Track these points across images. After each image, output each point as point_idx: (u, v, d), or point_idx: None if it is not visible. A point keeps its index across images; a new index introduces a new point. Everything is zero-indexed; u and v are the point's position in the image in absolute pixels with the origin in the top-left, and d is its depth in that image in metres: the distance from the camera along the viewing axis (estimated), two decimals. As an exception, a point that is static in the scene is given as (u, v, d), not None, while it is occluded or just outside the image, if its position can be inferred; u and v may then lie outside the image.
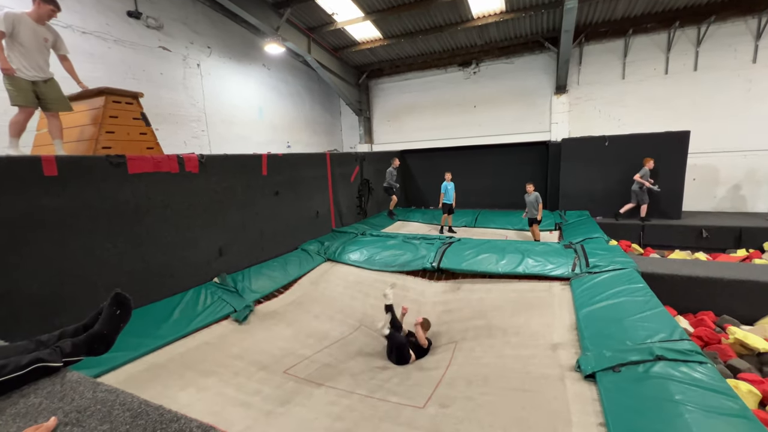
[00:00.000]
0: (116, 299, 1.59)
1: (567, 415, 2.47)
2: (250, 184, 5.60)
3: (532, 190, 7.48)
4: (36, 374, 1.29)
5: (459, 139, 11.67)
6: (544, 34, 9.96)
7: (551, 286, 4.75)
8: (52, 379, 1.29)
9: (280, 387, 3.07)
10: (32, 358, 1.28)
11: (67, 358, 1.39)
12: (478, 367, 3.35)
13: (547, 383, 2.87)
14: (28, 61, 3.75)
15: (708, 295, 4.59)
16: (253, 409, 2.72)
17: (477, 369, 3.32)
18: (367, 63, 12.17)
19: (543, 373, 3.03)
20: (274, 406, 2.76)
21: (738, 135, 8.77)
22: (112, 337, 1.57)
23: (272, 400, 2.84)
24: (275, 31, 8.52)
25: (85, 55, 5.95)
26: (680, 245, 7.71)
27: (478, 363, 3.44)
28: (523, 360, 3.30)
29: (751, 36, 8.37)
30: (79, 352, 1.44)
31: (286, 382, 3.17)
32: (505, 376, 3.10)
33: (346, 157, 8.85)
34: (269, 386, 3.07)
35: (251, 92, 9.49)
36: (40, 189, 3.19)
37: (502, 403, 2.70)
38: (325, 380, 3.25)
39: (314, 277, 5.73)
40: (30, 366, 1.26)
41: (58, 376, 1.31)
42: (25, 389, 1.23)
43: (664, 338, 2.90)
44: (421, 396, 2.98)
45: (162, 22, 7.12)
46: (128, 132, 4.47)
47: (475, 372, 3.27)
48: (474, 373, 3.24)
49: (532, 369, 3.12)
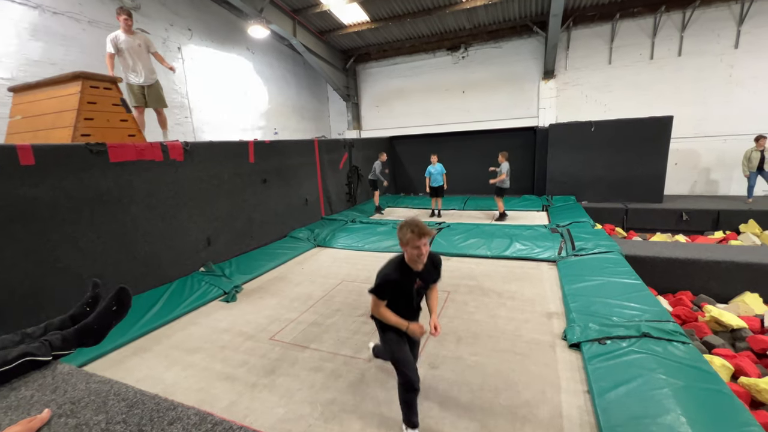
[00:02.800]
0: (118, 296, 1.56)
1: (556, 381, 2.58)
2: (237, 172, 5.51)
3: (504, 160, 7.61)
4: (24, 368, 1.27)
5: (448, 124, 11.62)
6: (532, 18, 9.89)
7: (539, 265, 4.91)
8: (42, 372, 1.28)
9: (266, 355, 3.08)
10: (20, 352, 1.26)
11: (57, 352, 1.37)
12: (469, 323, 3.46)
13: (538, 348, 2.99)
14: (134, 70, 4.77)
15: (686, 276, 4.78)
16: (239, 382, 2.74)
17: (468, 325, 3.43)
18: (354, 47, 11.91)
19: (534, 338, 3.14)
20: (259, 377, 2.78)
21: (719, 120, 8.97)
22: (103, 332, 1.54)
23: (257, 371, 2.86)
24: (259, 13, 8.23)
25: (57, 36, 5.66)
26: (661, 228, 7.95)
27: (470, 319, 3.55)
28: (516, 323, 3.42)
29: (734, 21, 8.48)
30: (69, 345, 1.42)
31: (273, 348, 3.20)
32: (495, 337, 3.20)
33: (335, 143, 8.74)
34: (255, 356, 3.09)
35: (235, 77, 9.21)
36: (17, 179, 3.08)
37: (492, 365, 2.79)
38: (310, 342, 3.28)
39: (301, 259, 5.75)
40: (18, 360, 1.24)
41: (49, 369, 1.30)
42: (15, 382, 1.21)
43: (651, 318, 3.03)
44: None
45: (139, 3, 6.80)
46: (108, 119, 4.30)
47: (465, 328, 3.37)
48: (465, 329, 3.35)
49: (524, 333, 3.23)
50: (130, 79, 4.80)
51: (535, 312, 3.62)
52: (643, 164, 8.48)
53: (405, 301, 2.13)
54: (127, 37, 4.68)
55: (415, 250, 1.96)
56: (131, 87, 4.83)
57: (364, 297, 4.18)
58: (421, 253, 1.96)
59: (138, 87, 4.84)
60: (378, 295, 2.08)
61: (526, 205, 8.98)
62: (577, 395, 2.42)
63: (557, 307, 3.69)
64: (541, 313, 3.58)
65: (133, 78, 4.80)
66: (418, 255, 1.97)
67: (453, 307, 3.80)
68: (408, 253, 2.02)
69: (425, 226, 1.96)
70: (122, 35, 4.65)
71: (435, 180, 8.29)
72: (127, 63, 4.72)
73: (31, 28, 5.36)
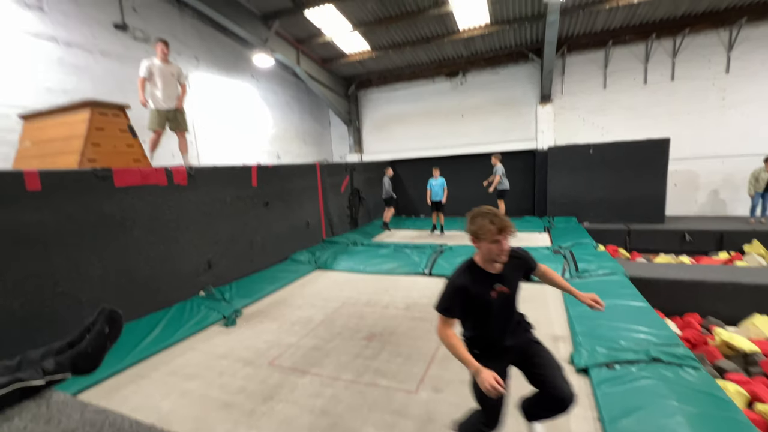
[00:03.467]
0: (107, 316, 1.54)
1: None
2: (240, 196, 5.55)
3: (498, 161, 7.66)
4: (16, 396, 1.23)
5: (447, 148, 11.80)
6: (528, 46, 10.24)
7: (543, 286, 4.82)
8: (36, 401, 1.24)
9: (265, 381, 3.00)
10: (9, 379, 1.23)
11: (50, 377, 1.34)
12: None
13: (547, 372, 2.90)
14: (163, 95, 4.99)
15: (693, 298, 4.70)
16: (236, 409, 2.65)
17: None
18: (355, 74, 12.29)
19: None
20: (257, 404, 2.69)
21: (715, 141, 9.10)
22: (98, 356, 1.51)
23: (256, 397, 2.77)
24: (264, 43, 8.56)
25: (70, 67, 5.87)
26: (665, 249, 7.90)
27: None
28: None
29: (724, 48, 8.76)
30: (62, 370, 1.39)
31: (272, 374, 3.11)
32: None
33: (336, 167, 8.86)
34: (254, 381, 3.01)
35: (240, 103, 9.46)
36: (23, 204, 3.11)
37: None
38: (310, 366, 3.19)
39: (301, 282, 5.70)
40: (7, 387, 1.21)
41: (44, 398, 1.26)
42: (8, 411, 1.18)
43: (660, 343, 2.95)
44: (412, 377, 2.94)
45: (149, 34, 7.09)
46: (114, 144, 4.40)
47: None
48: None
49: None
50: (158, 103, 5.01)
51: (540, 334, 3.50)
52: (643, 185, 8.53)
53: (485, 319, 1.64)
54: (162, 65, 4.95)
55: (493, 245, 1.55)
56: (159, 112, 5.03)
57: (366, 320, 4.11)
58: (502, 249, 1.56)
59: (164, 111, 5.07)
60: (444, 312, 1.63)
61: (528, 227, 8.97)
62: (587, 422, 2.33)
63: (563, 330, 3.62)
64: (546, 336, 3.50)
65: (161, 103, 5.02)
66: (499, 252, 1.56)
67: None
68: (483, 251, 1.59)
69: (506, 218, 1.58)
70: (157, 62, 4.92)
71: (435, 194, 8.31)
72: (157, 88, 4.96)
73: (46, 59, 5.57)
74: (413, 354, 3.31)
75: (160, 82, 4.95)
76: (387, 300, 4.71)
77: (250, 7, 8.26)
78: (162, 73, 4.94)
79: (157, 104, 5.01)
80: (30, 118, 4.63)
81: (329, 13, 8.48)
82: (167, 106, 5.07)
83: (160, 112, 5.03)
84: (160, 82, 4.95)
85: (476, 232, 1.59)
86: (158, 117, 5.03)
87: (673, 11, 8.46)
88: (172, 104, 5.11)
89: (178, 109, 5.19)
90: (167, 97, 5.04)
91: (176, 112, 5.18)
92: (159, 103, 5.01)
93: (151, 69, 4.88)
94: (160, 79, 4.94)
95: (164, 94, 5.00)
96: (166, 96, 5.03)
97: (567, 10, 8.20)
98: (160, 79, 4.94)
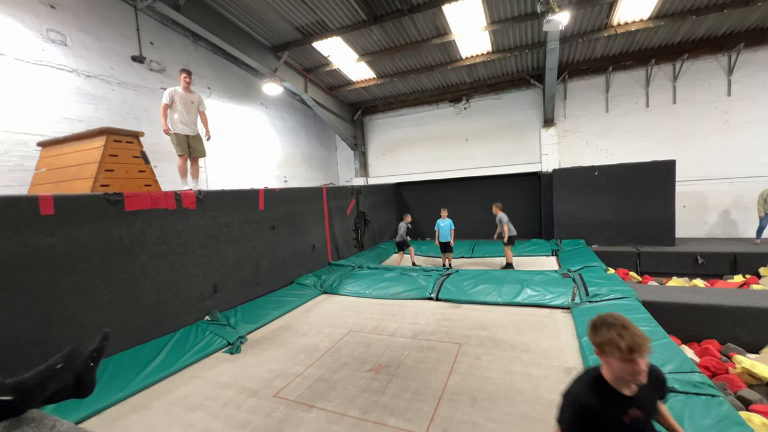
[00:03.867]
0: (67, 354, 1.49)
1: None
2: (247, 219, 5.60)
3: (499, 211, 7.64)
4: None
5: (452, 171, 11.91)
6: (529, 72, 10.49)
7: (553, 312, 4.72)
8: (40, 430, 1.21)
9: (270, 415, 2.91)
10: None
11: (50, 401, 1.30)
12: (483, 381, 3.26)
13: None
14: (184, 122, 5.23)
15: (710, 323, 4.54)
16: None
17: (482, 383, 3.22)
18: (361, 100, 12.63)
19: (555, 399, 2.89)
20: None
21: (722, 163, 9.06)
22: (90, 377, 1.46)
23: None
24: (273, 72, 8.89)
25: (88, 97, 6.12)
26: (677, 272, 7.72)
27: (484, 376, 3.35)
28: (533, 380, 3.21)
29: (724, 72, 8.89)
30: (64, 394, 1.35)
31: (277, 407, 3.02)
32: (512, 398, 2.99)
33: (342, 190, 8.94)
34: (259, 415, 2.91)
35: (249, 129, 9.72)
36: (35, 228, 3.17)
37: (510, 435, 2.56)
38: (316, 400, 3.10)
39: (307, 307, 5.63)
40: None
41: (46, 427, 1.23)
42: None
43: (674, 370, 2.83)
44: (421, 416, 2.82)
45: (164, 66, 7.41)
46: (127, 170, 4.52)
47: (480, 387, 3.18)
48: (479, 388, 3.15)
49: (543, 393, 3.01)
50: (180, 129, 5.23)
51: (552, 367, 3.41)
52: (651, 207, 8.46)
53: None
54: (184, 93, 5.23)
55: (626, 364, 1.31)
56: (179, 136, 5.24)
57: (372, 349, 4.02)
58: (638, 370, 1.31)
59: (184, 137, 5.28)
60: (565, 431, 1.43)
61: (535, 250, 8.87)
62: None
63: (576, 360, 3.49)
64: (558, 368, 3.37)
65: (182, 129, 5.25)
66: (634, 373, 1.31)
67: (465, 362, 3.60)
68: (613, 368, 1.36)
69: (637, 331, 1.34)
70: (180, 91, 5.20)
71: (443, 235, 8.15)
72: (177, 114, 5.19)
73: (66, 90, 5.82)
74: (422, 389, 3.20)
75: (181, 109, 5.20)
76: (394, 327, 4.62)
77: (262, 40, 8.64)
78: (183, 101, 5.20)
79: (176, 129, 5.25)
80: (47, 145, 4.80)
81: (336, 44, 8.83)
82: (186, 132, 5.30)
83: (179, 137, 5.25)
84: (180, 108, 5.19)
85: (602, 345, 1.37)
86: (179, 142, 5.26)
87: (671, 38, 8.67)
88: (190, 130, 5.34)
89: (196, 136, 5.43)
90: (186, 123, 5.28)
91: (194, 138, 5.40)
92: (178, 128, 5.25)
93: (173, 96, 5.14)
94: (181, 106, 5.19)
95: (184, 121, 5.24)
96: (186, 122, 5.27)
97: (566, 38, 8.45)
98: (181, 105, 5.19)
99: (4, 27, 5.17)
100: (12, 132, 5.17)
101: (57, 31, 5.75)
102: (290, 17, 7.85)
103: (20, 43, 5.32)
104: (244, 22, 7.94)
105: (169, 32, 7.60)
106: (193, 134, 5.38)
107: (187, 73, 5.26)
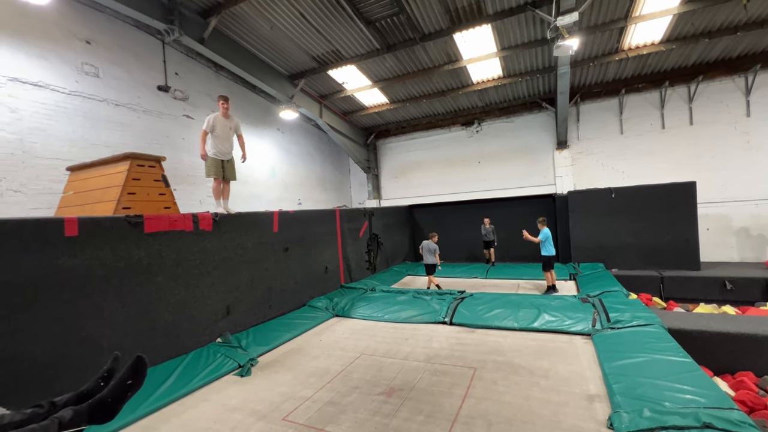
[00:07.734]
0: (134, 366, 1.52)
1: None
2: (261, 241, 5.67)
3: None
4: None
5: (465, 193, 11.89)
6: (541, 95, 10.59)
7: (572, 338, 4.53)
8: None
9: None
10: None
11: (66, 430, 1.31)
12: (500, 405, 3.12)
13: (581, 443, 2.61)
14: (221, 147, 5.33)
15: (744, 353, 4.27)
16: None
17: (499, 408, 3.08)
18: (374, 125, 12.91)
19: (576, 425, 2.76)
20: None
21: (745, 184, 8.79)
22: (117, 406, 1.48)
23: None
24: (290, 99, 9.23)
25: (116, 124, 6.46)
26: (704, 298, 7.36)
27: (501, 400, 3.21)
28: (553, 406, 3.05)
29: (741, 93, 8.77)
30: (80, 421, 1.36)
31: (285, 431, 2.94)
32: (530, 423, 2.85)
33: (355, 212, 9.01)
34: None
35: (265, 153, 10.01)
36: (60, 249, 3.28)
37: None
38: (325, 424, 3.00)
39: (318, 330, 5.56)
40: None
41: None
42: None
43: (709, 404, 2.65)
44: None
45: (188, 94, 7.80)
46: (148, 193, 4.67)
47: (496, 411, 3.03)
48: (495, 413, 3.01)
49: (563, 419, 2.86)
50: (217, 154, 5.31)
51: (573, 393, 3.25)
52: (673, 230, 8.19)
53: None
54: (223, 119, 5.32)
55: None
56: (215, 160, 5.30)
57: (384, 372, 3.92)
58: None
59: (219, 161, 5.35)
60: None
61: (552, 273, 8.61)
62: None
63: (598, 388, 3.32)
64: (580, 395, 3.21)
65: (219, 154, 5.32)
66: None
67: (481, 387, 3.48)
68: None
69: None
70: (219, 117, 5.30)
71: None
72: (217, 140, 5.28)
73: (95, 118, 6.17)
74: (435, 412, 3.09)
75: (220, 134, 5.29)
76: (406, 351, 4.51)
77: (279, 69, 9.04)
78: (221, 126, 5.30)
79: (217, 155, 5.33)
80: (76, 169, 5.04)
81: (350, 71, 9.16)
82: (222, 157, 5.38)
83: (215, 161, 5.31)
84: (219, 134, 5.29)
85: None
86: (215, 166, 5.31)
87: (684, 60, 8.67)
88: (226, 156, 5.44)
89: (230, 161, 5.52)
90: (223, 148, 5.36)
91: (228, 163, 5.48)
92: (218, 154, 5.33)
93: (213, 122, 5.23)
94: (219, 131, 5.29)
95: (221, 146, 5.32)
96: (223, 147, 5.35)
97: (577, 62, 8.55)
98: (220, 131, 5.29)
99: (45, 61, 5.57)
100: (43, 158, 5.46)
101: (91, 64, 6.16)
102: (307, 48, 8.22)
103: (58, 75, 5.71)
104: (263, 52, 8.35)
105: (193, 63, 8.03)
106: (227, 159, 5.46)
107: (225, 99, 5.33)
